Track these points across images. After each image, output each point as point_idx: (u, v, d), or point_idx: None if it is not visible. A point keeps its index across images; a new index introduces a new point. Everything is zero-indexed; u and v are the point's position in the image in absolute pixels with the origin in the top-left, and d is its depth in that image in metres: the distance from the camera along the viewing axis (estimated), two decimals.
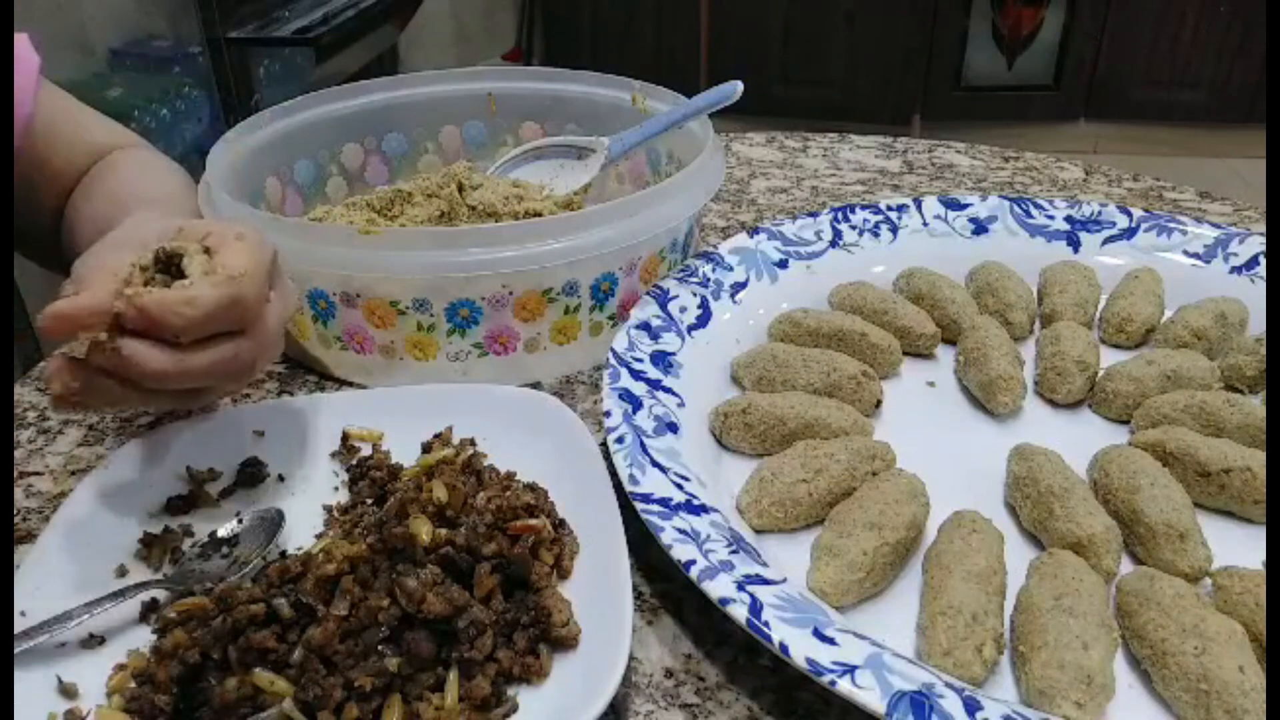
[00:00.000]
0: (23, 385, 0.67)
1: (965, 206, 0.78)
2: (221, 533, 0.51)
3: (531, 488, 0.51)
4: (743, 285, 0.70)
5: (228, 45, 1.76)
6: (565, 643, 0.44)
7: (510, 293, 0.62)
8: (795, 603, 0.44)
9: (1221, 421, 0.57)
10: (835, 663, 0.41)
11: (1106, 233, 0.76)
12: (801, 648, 0.41)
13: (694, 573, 0.45)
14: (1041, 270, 0.74)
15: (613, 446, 0.53)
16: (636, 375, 0.59)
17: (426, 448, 0.55)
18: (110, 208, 0.61)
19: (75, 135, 0.69)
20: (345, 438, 0.57)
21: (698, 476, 0.53)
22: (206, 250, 0.45)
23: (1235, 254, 0.73)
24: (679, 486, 0.51)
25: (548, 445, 0.54)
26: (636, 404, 0.56)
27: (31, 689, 0.42)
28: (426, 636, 0.42)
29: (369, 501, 0.51)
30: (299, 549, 0.50)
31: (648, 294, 0.66)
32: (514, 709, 0.42)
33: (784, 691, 0.45)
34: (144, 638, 0.45)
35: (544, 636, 0.44)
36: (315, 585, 0.43)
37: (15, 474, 0.58)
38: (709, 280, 0.69)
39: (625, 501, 0.49)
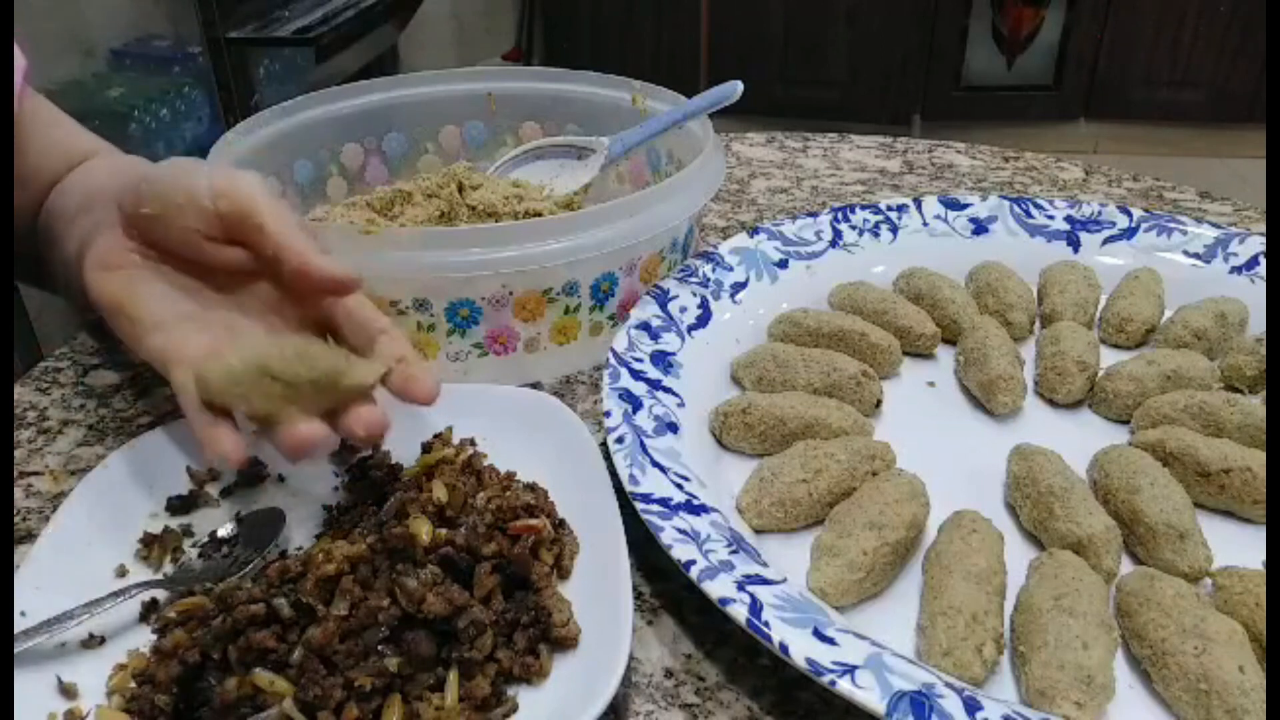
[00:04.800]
0: (23, 385, 0.67)
1: (965, 206, 0.78)
2: (221, 533, 0.51)
3: (531, 488, 0.51)
4: (743, 285, 0.70)
5: (228, 45, 1.76)
6: (565, 643, 0.44)
7: (510, 293, 0.62)
8: (795, 603, 0.44)
9: (1221, 421, 0.57)
10: (835, 663, 0.41)
11: (1106, 233, 0.76)
12: (801, 648, 0.41)
13: (694, 573, 0.45)
14: (1041, 270, 0.74)
15: (613, 446, 0.53)
16: (636, 375, 0.59)
17: (426, 448, 0.55)
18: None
19: (52, 139, 0.68)
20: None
21: (698, 476, 0.53)
22: None
23: (1235, 254, 0.73)
24: (679, 486, 0.51)
25: (548, 445, 0.54)
26: (636, 404, 0.56)
27: (31, 689, 0.42)
28: (426, 636, 0.42)
29: (369, 501, 0.51)
30: (299, 549, 0.50)
31: (648, 294, 0.66)
32: (514, 709, 0.42)
33: (784, 691, 0.45)
34: (144, 638, 0.45)
35: (544, 636, 0.44)
36: (315, 585, 0.42)
37: (15, 474, 0.58)
38: (709, 280, 0.69)
39: (625, 501, 0.49)
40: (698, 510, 0.49)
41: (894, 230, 0.77)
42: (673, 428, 0.56)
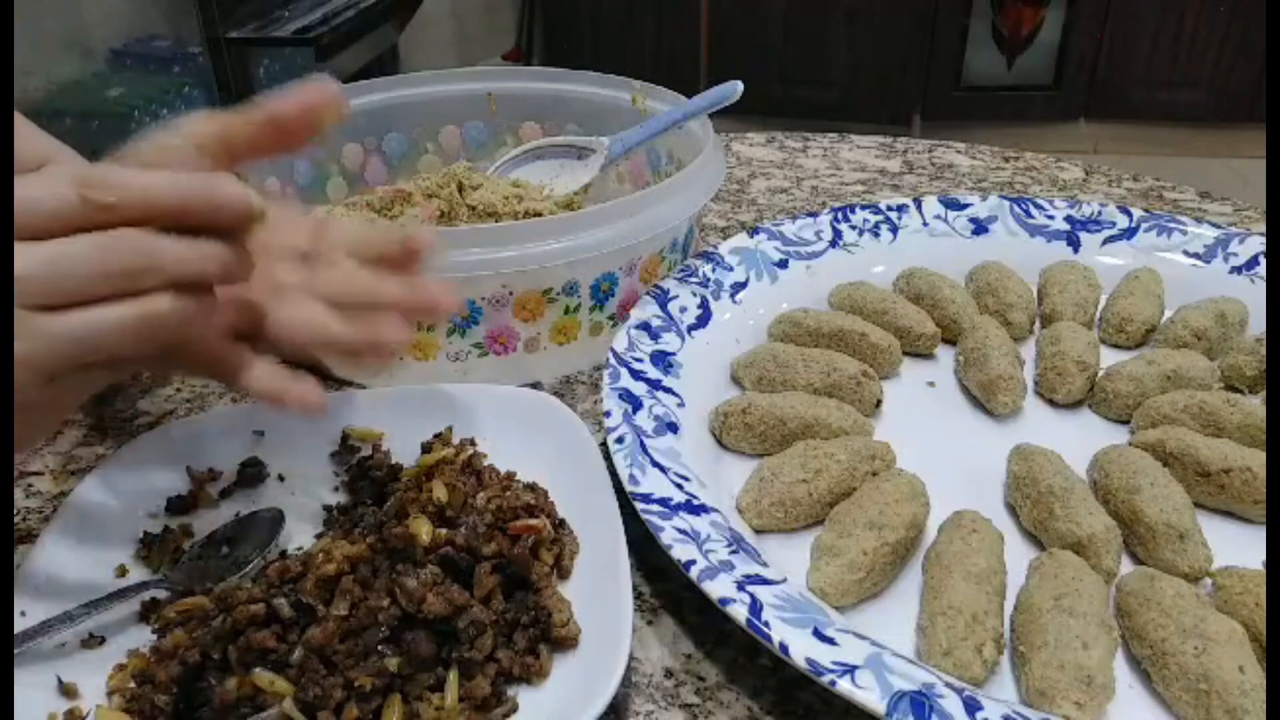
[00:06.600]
0: None
1: (965, 206, 0.78)
2: (221, 533, 0.51)
3: (531, 488, 0.51)
4: (743, 285, 0.70)
5: (228, 45, 1.76)
6: (565, 643, 0.44)
7: (510, 293, 0.62)
8: (795, 603, 0.44)
9: (1221, 421, 0.57)
10: (835, 663, 0.41)
11: (1106, 233, 0.76)
12: (801, 648, 0.41)
13: (694, 573, 0.45)
14: (1041, 270, 0.74)
15: (613, 446, 0.53)
16: (636, 375, 0.59)
17: (426, 448, 0.55)
18: None
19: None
20: (345, 438, 0.57)
21: (698, 476, 0.53)
22: None
23: (1235, 254, 0.73)
24: (679, 486, 0.51)
25: (548, 445, 0.54)
26: (636, 404, 0.56)
27: (31, 689, 0.42)
28: (426, 636, 0.42)
29: (369, 501, 0.51)
30: (299, 549, 0.50)
31: (648, 294, 0.66)
32: (514, 709, 0.42)
33: (784, 691, 0.45)
34: (144, 638, 0.45)
35: (544, 636, 0.44)
36: (315, 585, 0.42)
37: (15, 474, 0.58)
38: (709, 280, 0.69)
39: (625, 501, 0.49)
40: (698, 510, 0.49)
41: (894, 230, 0.77)
42: (673, 428, 0.56)
